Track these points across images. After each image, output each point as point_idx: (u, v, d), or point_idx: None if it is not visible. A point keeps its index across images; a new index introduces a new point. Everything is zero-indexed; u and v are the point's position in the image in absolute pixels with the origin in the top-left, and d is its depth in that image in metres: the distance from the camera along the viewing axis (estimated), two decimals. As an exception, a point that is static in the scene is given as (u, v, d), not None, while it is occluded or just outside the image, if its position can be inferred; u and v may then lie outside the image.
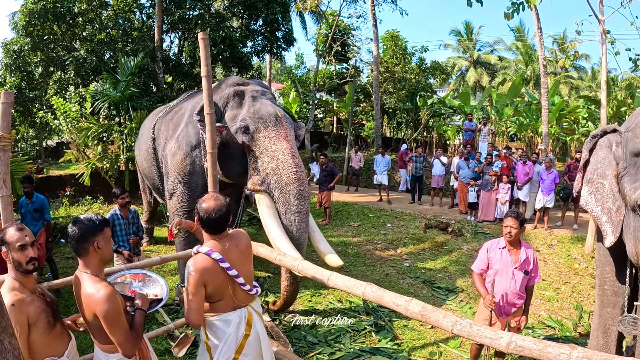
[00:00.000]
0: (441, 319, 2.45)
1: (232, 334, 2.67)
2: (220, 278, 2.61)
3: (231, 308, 2.71)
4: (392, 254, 8.16)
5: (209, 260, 2.58)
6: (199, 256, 2.60)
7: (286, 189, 4.42)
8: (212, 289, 2.61)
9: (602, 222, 3.34)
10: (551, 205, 9.49)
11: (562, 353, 2.00)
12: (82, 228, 2.22)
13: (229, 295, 2.68)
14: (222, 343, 2.66)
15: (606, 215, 3.31)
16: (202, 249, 2.63)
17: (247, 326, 2.73)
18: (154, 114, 7.10)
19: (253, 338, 2.75)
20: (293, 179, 4.43)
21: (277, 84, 29.73)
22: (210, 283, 2.57)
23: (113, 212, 5.44)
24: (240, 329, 2.70)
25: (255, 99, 5.03)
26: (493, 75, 33.53)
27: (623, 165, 3.20)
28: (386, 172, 12.70)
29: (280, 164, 4.51)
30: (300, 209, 4.42)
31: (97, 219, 2.30)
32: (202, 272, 2.53)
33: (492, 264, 3.77)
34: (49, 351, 2.25)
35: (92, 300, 2.14)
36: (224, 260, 2.60)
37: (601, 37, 7.81)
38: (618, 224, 3.23)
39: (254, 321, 2.78)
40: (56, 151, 20.81)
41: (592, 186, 3.48)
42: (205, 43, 3.57)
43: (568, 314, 5.74)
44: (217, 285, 2.62)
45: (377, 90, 18.06)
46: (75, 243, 2.23)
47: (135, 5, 13.33)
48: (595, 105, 16.40)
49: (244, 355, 2.71)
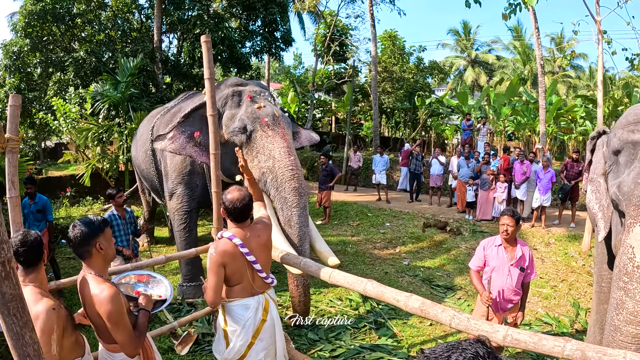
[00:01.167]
0: (440, 313, 2.52)
1: (251, 318, 2.84)
2: (239, 262, 2.79)
3: (249, 293, 2.88)
4: (391, 252, 8.23)
5: (230, 244, 2.77)
6: (222, 240, 2.80)
7: (282, 186, 4.42)
8: (230, 272, 2.78)
9: (598, 219, 3.47)
10: (548, 204, 9.57)
11: (556, 345, 2.07)
12: (83, 231, 2.23)
13: (248, 280, 2.86)
14: (241, 327, 2.83)
15: (601, 212, 3.45)
16: (225, 234, 2.82)
17: (264, 312, 2.90)
18: (152, 116, 7.10)
19: (269, 324, 2.92)
20: (289, 177, 4.42)
21: (276, 84, 29.77)
22: (229, 265, 2.75)
23: (110, 213, 5.44)
24: (258, 314, 2.87)
25: (254, 100, 5.07)
26: (491, 74, 33.58)
27: (608, 164, 3.37)
28: (385, 172, 12.78)
29: (277, 163, 4.51)
30: (297, 203, 4.39)
31: (96, 220, 2.32)
32: (222, 254, 2.72)
33: (489, 261, 3.85)
34: (76, 354, 2.28)
35: (96, 300, 2.17)
36: (243, 246, 2.79)
37: (598, 37, 7.89)
38: (608, 219, 3.36)
39: (270, 307, 2.95)
40: (55, 152, 20.82)
41: (593, 185, 3.65)
42: (208, 46, 3.61)
43: (565, 311, 5.81)
44: (236, 268, 2.79)
45: (375, 90, 18.12)
46: (78, 246, 2.25)
47: (134, 6, 13.36)
48: (592, 104, 16.47)
49: (260, 340, 2.88)
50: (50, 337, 2.05)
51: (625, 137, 3.06)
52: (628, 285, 2.67)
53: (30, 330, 1.34)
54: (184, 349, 4.15)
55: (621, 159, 3.12)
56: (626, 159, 3.05)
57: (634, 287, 2.63)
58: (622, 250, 2.81)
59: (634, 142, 2.98)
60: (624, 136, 3.08)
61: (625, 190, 2.87)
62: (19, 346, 1.31)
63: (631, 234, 2.73)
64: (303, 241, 4.39)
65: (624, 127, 3.12)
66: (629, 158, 3.02)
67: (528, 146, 17.23)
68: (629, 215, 2.80)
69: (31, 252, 2.19)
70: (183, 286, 5.82)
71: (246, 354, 2.86)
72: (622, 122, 3.21)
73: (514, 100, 16.96)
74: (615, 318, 2.73)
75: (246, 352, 2.86)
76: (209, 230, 7.65)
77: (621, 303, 2.69)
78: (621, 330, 2.67)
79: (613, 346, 2.67)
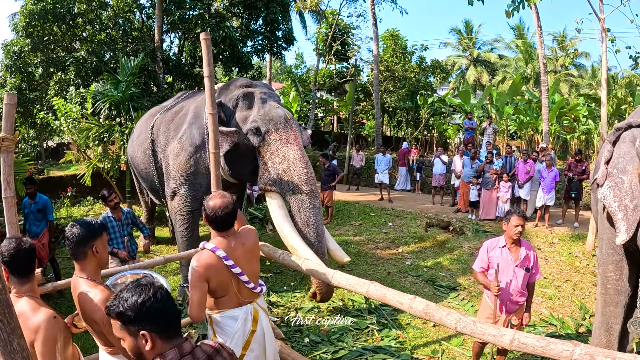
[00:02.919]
0: (445, 316, 2.46)
1: (240, 329, 2.73)
2: (224, 275, 2.66)
3: (236, 304, 2.76)
4: (394, 252, 8.18)
5: (213, 256, 2.63)
6: (204, 252, 2.66)
7: (298, 189, 4.57)
8: (215, 285, 2.65)
9: (617, 219, 3.17)
10: (552, 203, 9.50)
11: (565, 350, 2.02)
12: (82, 232, 2.22)
13: (234, 291, 2.74)
14: (230, 339, 2.72)
15: (622, 212, 3.15)
16: (207, 245, 2.68)
17: (254, 322, 2.81)
18: (150, 115, 7.01)
19: (259, 334, 2.83)
20: (305, 180, 4.58)
21: (277, 83, 29.72)
22: (213, 279, 2.62)
23: (105, 215, 5.40)
24: (247, 325, 2.76)
25: (265, 101, 5.14)
26: (493, 73, 33.50)
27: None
28: (387, 171, 12.74)
29: (292, 165, 4.64)
30: (313, 205, 4.60)
31: (95, 223, 2.31)
32: (205, 267, 2.59)
33: (493, 263, 3.79)
34: None
35: (91, 306, 2.13)
36: (228, 258, 2.65)
37: (601, 35, 7.82)
38: (634, 223, 3.07)
39: (260, 317, 2.85)
40: (56, 152, 20.80)
41: (612, 180, 3.31)
42: (208, 44, 3.58)
43: (569, 311, 5.75)
44: (221, 281, 2.67)
45: (377, 89, 18.06)
46: (74, 247, 2.22)
47: (135, 5, 13.30)
48: (595, 103, 16.37)
49: (250, 350, 2.78)
50: (55, 346, 2.00)
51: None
52: None
53: (19, 337, 1.28)
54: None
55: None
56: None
57: None
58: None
59: None
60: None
61: None
62: (7, 353, 1.26)
63: None
64: (321, 239, 4.54)
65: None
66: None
67: (531, 145, 17.14)
68: None
69: (26, 261, 2.14)
70: (184, 287, 5.77)
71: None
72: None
73: (516, 99, 16.89)
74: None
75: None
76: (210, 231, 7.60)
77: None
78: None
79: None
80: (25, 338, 1.90)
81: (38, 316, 2.02)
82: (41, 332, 1.96)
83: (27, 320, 1.99)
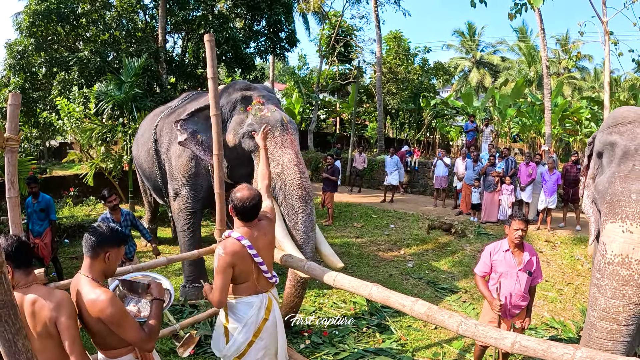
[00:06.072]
0: (447, 319, 2.46)
1: (253, 316, 2.83)
2: (247, 263, 2.78)
3: (253, 292, 2.87)
4: (396, 254, 8.17)
5: (239, 244, 2.74)
6: (230, 240, 2.77)
7: (289, 194, 4.51)
8: (238, 272, 2.77)
9: (591, 223, 3.49)
10: (554, 206, 9.49)
11: (566, 353, 2.01)
12: (105, 233, 2.24)
13: (253, 280, 2.85)
14: (243, 325, 2.82)
15: (593, 217, 3.44)
16: (233, 233, 2.79)
17: (267, 311, 2.89)
18: (154, 115, 7.06)
19: (271, 323, 2.91)
20: (297, 185, 4.52)
21: (280, 84, 29.78)
22: (238, 266, 2.74)
23: (103, 216, 5.31)
24: (260, 312, 2.86)
25: (262, 105, 5.10)
26: (496, 75, 33.49)
27: (595, 167, 3.42)
28: (396, 172, 12.74)
29: (285, 170, 4.59)
30: (303, 210, 4.49)
31: (121, 233, 2.33)
32: (232, 255, 2.70)
33: (496, 267, 3.78)
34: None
35: (95, 306, 2.12)
36: (252, 247, 2.77)
37: (604, 38, 7.82)
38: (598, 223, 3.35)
39: (273, 306, 2.94)
40: (59, 151, 20.87)
41: (589, 190, 3.60)
42: (212, 45, 3.58)
43: (571, 315, 5.74)
44: (244, 269, 2.78)
45: (380, 91, 18.07)
46: (92, 243, 2.22)
47: (138, 6, 13.34)
48: (598, 106, 16.35)
49: (260, 339, 2.86)
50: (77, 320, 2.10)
51: (605, 139, 3.10)
52: (600, 282, 2.70)
53: (24, 338, 1.29)
54: (186, 351, 4.10)
55: (604, 160, 3.17)
56: (607, 160, 3.10)
57: (605, 284, 2.66)
58: (597, 248, 2.86)
59: (612, 143, 3.01)
60: (603, 138, 3.13)
61: (600, 189, 2.94)
62: (12, 354, 1.27)
63: (604, 231, 2.76)
64: (306, 244, 4.44)
65: (604, 130, 3.16)
66: (609, 159, 3.06)
67: (533, 148, 17.12)
68: (602, 213, 2.86)
69: (27, 252, 2.19)
70: (186, 287, 5.78)
71: (246, 352, 2.86)
72: (603, 125, 3.26)
73: (519, 102, 16.87)
74: (591, 314, 2.77)
75: (246, 350, 2.85)
76: (212, 231, 7.62)
77: (595, 299, 2.74)
78: (596, 326, 2.71)
79: (590, 344, 2.71)
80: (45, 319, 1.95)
81: (56, 295, 2.07)
82: (65, 308, 2.03)
83: (45, 300, 2.03)
